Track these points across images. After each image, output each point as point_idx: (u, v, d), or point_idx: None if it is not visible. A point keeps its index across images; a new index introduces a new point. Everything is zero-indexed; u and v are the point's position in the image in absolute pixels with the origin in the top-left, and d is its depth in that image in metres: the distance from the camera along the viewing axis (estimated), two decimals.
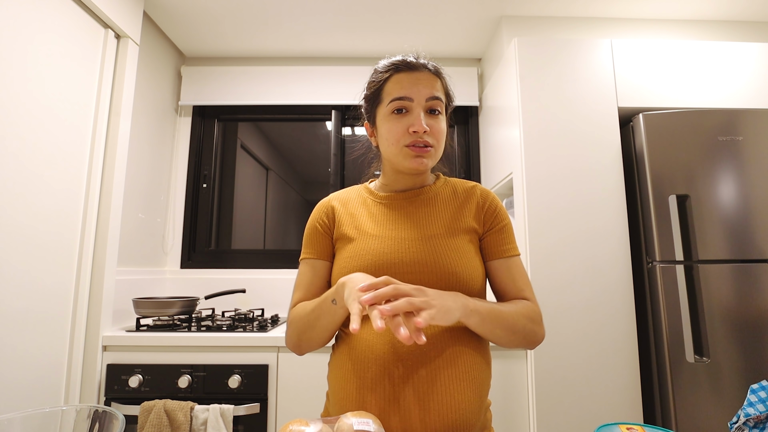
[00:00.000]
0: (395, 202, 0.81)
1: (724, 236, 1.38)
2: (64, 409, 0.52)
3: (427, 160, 0.76)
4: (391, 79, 0.77)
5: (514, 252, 0.80)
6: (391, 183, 0.84)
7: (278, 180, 2.42)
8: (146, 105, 1.86)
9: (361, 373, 0.67)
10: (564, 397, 1.36)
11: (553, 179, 1.48)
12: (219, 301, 1.92)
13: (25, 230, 1.19)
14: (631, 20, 1.93)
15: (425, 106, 0.75)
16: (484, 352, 0.74)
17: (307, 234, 0.84)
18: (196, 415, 1.29)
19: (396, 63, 0.78)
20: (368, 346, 0.69)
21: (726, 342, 1.32)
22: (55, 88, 1.30)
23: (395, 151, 0.76)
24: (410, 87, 0.75)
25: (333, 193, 0.90)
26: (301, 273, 0.83)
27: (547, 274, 1.42)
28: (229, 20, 1.93)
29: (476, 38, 2.07)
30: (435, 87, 0.77)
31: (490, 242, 0.79)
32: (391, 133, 0.76)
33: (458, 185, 0.85)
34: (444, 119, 0.79)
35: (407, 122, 0.75)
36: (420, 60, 0.79)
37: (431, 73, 0.78)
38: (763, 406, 0.65)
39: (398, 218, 0.78)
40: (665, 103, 1.56)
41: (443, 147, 0.79)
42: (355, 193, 0.87)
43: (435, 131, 0.75)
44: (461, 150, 2.24)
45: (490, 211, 0.80)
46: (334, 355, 0.77)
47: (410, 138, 0.74)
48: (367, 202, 0.83)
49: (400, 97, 0.75)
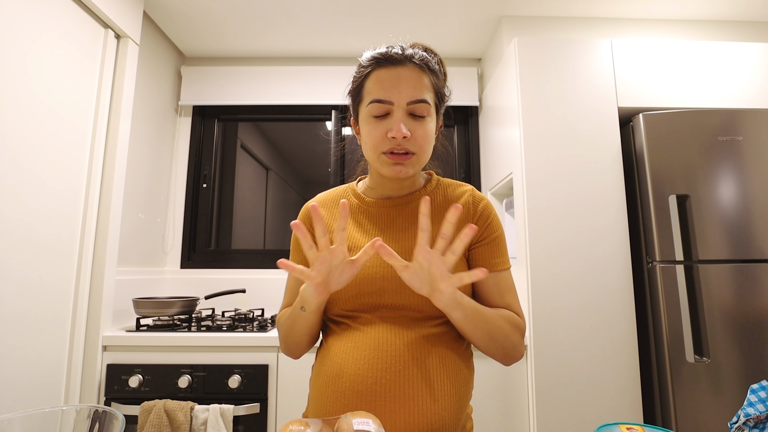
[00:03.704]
0: (382, 210, 0.76)
1: (724, 236, 1.38)
2: (64, 409, 0.52)
3: (407, 168, 0.69)
4: (371, 75, 0.70)
5: (505, 266, 0.75)
6: (377, 187, 0.79)
7: (278, 180, 2.42)
8: (146, 105, 1.86)
9: (334, 387, 0.66)
10: (564, 397, 1.36)
11: (553, 179, 1.48)
12: (219, 301, 1.93)
13: (25, 230, 1.19)
14: (631, 20, 1.93)
15: (406, 109, 0.68)
16: (467, 360, 0.72)
17: (294, 238, 0.81)
18: (196, 415, 1.29)
19: (377, 57, 0.70)
20: (341, 363, 0.67)
21: (726, 342, 1.32)
22: (56, 88, 1.30)
23: (374, 157, 0.71)
24: (391, 88, 0.68)
25: (319, 195, 0.85)
26: (290, 278, 0.81)
27: (547, 274, 1.42)
28: (230, 20, 1.93)
29: (476, 38, 2.07)
30: (420, 86, 0.69)
31: (480, 255, 0.74)
32: (370, 138, 0.70)
33: (451, 190, 0.79)
34: (431, 121, 0.71)
35: (386, 126, 0.68)
36: (406, 52, 0.70)
37: (417, 68, 0.69)
38: (763, 406, 0.65)
39: (387, 230, 0.74)
40: (665, 103, 1.56)
41: (429, 151, 0.73)
42: (342, 195, 0.82)
43: (417, 137, 0.68)
44: (461, 150, 2.24)
45: (482, 221, 0.75)
46: (315, 361, 0.76)
47: (389, 144, 0.68)
48: (353, 208, 0.79)
49: (378, 100, 0.68)
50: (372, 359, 0.64)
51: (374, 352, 0.65)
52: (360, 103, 0.73)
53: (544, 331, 1.39)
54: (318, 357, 0.74)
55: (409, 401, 0.62)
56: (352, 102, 0.77)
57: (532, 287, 1.42)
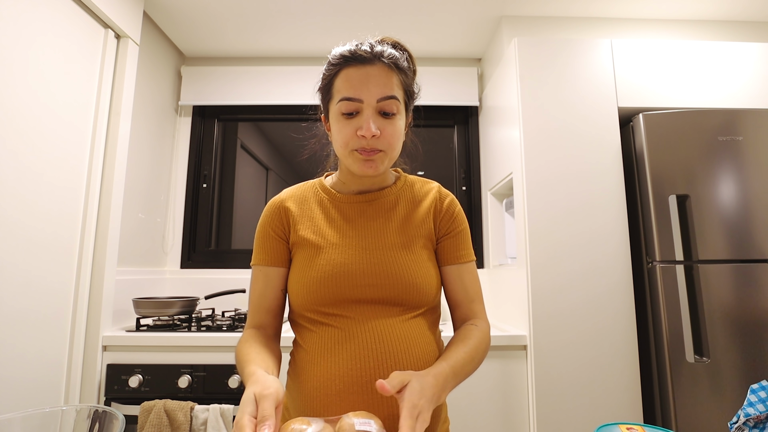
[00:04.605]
0: (353, 206, 0.77)
1: (724, 236, 1.38)
2: (64, 409, 0.52)
3: (376, 165, 0.70)
4: (340, 74, 0.70)
5: (468, 258, 0.78)
6: (348, 182, 0.78)
7: (278, 180, 2.42)
8: (146, 105, 1.86)
9: (327, 391, 0.65)
10: (564, 397, 1.36)
11: (553, 179, 1.48)
12: (219, 301, 1.92)
13: (26, 230, 1.19)
14: (631, 20, 1.93)
15: (376, 107, 0.68)
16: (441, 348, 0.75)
17: (259, 237, 0.78)
18: (196, 415, 1.29)
19: (345, 55, 0.70)
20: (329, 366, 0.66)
21: (726, 342, 1.32)
22: (56, 88, 1.30)
23: (344, 154, 0.71)
24: (360, 86, 0.68)
25: (285, 190, 0.83)
26: (254, 281, 0.77)
27: (547, 274, 1.42)
28: (230, 20, 1.93)
29: (476, 38, 2.07)
30: (389, 84, 0.69)
31: (445, 247, 0.77)
32: (340, 135, 0.70)
33: (418, 187, 0.81)
34: (400, 118, 0.71)
35: (356, 125, 0.68)
36: (375, 49, 0.69)
37: (386, 67, 0.69)
38: (763, 406, 0.65)
39: (357, 225, 0.75)
40: (665, 103, 1.56)
41: (399, 149, 0.73)
42: (311, 190, 0.81)
43: (386, 135, 0.69)
44: (461, 150, 2.24)
45: (448, 216, 0.78)
46: (293, 365, 0.73)
47: (358, 142, 0.68)
48: (323, 203, 0.78)
49: (348, 98, 0.68)
50: (362, 358, 0.65)
51: (363, 351, 0.66)
52: (330, 101, 0.73)
53: (544, 332, 1.39)
54: (297, 361, 0.72)
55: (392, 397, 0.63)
56: (322, 99, 0.77)
57: (532, 287, 1.42)
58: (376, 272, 0.70)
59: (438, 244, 0.78)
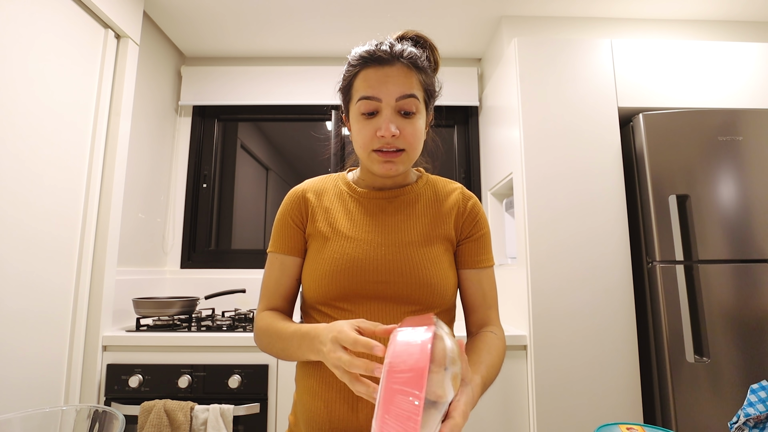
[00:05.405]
0: (373, 201, 0.76)
1: (724, 236, 1.38)
2: (64, 409, 0.52)
3: (397, 165, 0.70)
4: (359, 74, 0.70)
5: (488, 263, 0.77)
6: (368, 179, 0.78)
7: (278, 180, 2.42)
8: (146, 105, 1.86)
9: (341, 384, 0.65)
10: (564, 397, 1.36)
11: (553, 179, 1.48)
12: (219, 301, 1.92)
13: (26, 230, 1.19)
14: (631, 20, 1.93)
15: (395, 106, 0.68)
16: None
17: (278, 225, 0.77)
18: (196, 415, 1.29)
19: (365, 56, 0.70)
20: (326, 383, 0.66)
21: (726, 342, 1.32)
22: (56, 88, 1.30)
23: (364, 155, 0.71)
24: (378, 86, 0.68)
25: (307, 181, 0.82)
26: (269, 268, 0.77)
27: (547, 274, 1.42)
28: (230, 20, 1.93)
29: (476, 38, 2.07)
30: (408, 84, 0.68)
31: (466, 251, 0.76)
32: (360, 136, 0.70)
33: (440, 187, 0.80)
34: (420, 117, 0.71)
35: (375, 125, 0.68)
36: (394, 49, 0.69)
37: (405, 67, 0.69)
38: (763, 406, 0.65)
39: (375, 220, 0.74)
40: (665, 103, 1.56)
41: (419, 148, 0.73)
42: (332, 183, 0.80)
43: (407, 134, 0.68)
44: (461, 150, 2.24)
45: (471, 219, 0.77)
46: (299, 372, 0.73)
47: (378, 142, 0.68)
48: (343, 196, 0.78)
49: (367, 97, 0.68)
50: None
51: None
52: (350, 101, 0.73)
53: (544, 331, 1.39)
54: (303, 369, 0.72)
55: None
56: (343, 99, 0.77)
57: (532, 287, 1.42)
58: (390, 269, 0.69)
59: (459, 246, 0.77)
